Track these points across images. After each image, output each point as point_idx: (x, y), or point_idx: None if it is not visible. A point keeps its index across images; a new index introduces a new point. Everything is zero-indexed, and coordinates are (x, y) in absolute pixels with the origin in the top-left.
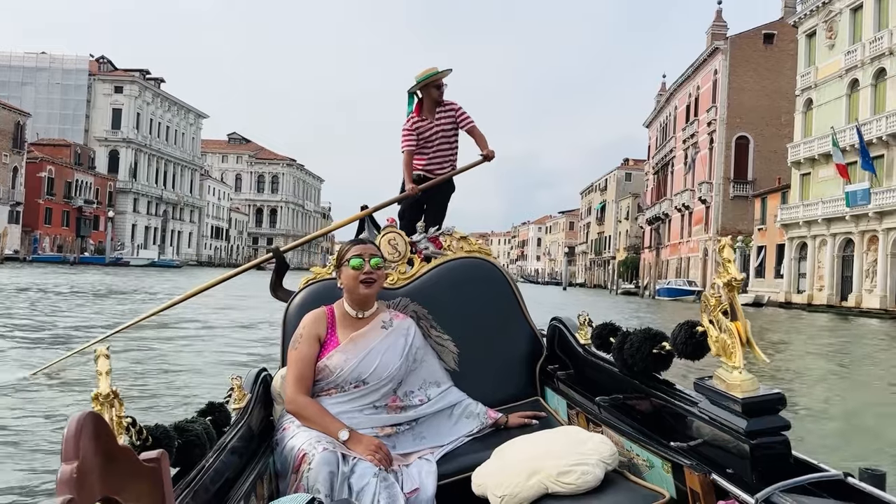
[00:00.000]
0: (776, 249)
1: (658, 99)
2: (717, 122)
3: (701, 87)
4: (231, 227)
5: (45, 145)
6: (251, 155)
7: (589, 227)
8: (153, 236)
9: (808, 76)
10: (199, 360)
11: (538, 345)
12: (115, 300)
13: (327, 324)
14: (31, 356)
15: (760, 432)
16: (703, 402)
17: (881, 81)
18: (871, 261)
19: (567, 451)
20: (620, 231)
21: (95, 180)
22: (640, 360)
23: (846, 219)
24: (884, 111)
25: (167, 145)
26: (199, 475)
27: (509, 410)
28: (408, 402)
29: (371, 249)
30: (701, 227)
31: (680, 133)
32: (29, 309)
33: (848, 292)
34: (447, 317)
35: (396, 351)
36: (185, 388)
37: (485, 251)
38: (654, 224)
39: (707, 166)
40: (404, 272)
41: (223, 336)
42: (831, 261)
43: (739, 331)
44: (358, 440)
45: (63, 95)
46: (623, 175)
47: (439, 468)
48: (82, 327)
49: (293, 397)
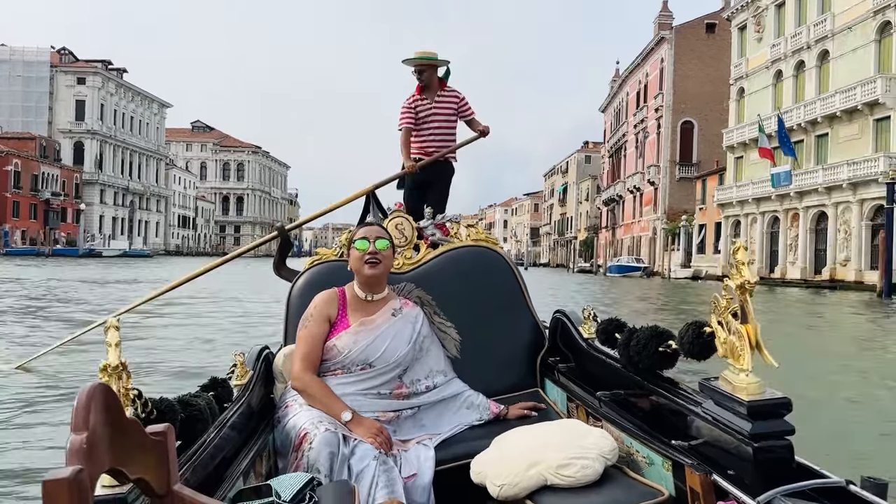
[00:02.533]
0: (714, 227)
1: (612, 85)
2: (663, 108)
3: (649, 74)
4: (198, 215)
5: (9, 139)
6: (215, 143)
7: (552, 209)
8: (121, 227)
9: (740, 66)
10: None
11: (540, 336)
12: (137, 285)
13: (339, 304)
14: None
15: (764, 435)
16: (707, 403)
17: (801, 73)
18: (794, 236)
19: (567, 443)
20: (581, 212)
21: (62, 172)
22: (646, 358)
23: (772, 198)
24: (803, 100)
25: (132, 136)
26: (199, 450)
27: (509, 400)
28: (414, 390)
29: (377, 232)
30: (651, 208)
31: (631, 118)
32: (82, 299)
33: (775, 265)
34: (451, 304)
35: (404, 337)
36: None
37: (492, 240)
38: (609, 205)
39: (655, 150)
40: (410, 257)
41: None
42: (761, 237)
43: (749, 334)
44: (360, 422)
45: (25, 87)
46: (583, 158)
47: (437, 454)
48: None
49: (300, 374)
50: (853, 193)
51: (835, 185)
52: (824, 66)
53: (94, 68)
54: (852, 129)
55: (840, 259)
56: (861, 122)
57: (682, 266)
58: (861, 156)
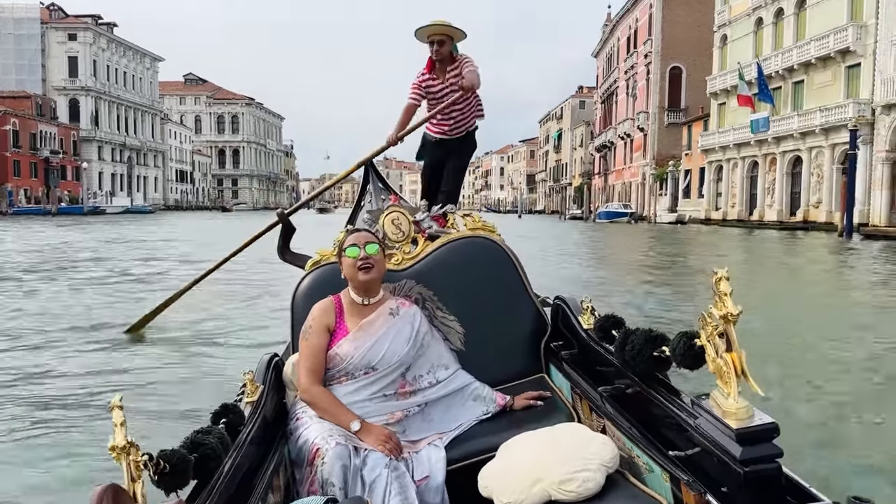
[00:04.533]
0: (699, 172)
1: (604, 30)
2: (652, 54)
3: (639, 19)
4: (195, 169)
5: (5, 97)
6: (209, 95)
7: (547, 156)
8: (120, 183)
9: (723, 14)
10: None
11: (542, 322)
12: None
13: (336, 313)
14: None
15: (754, 460)
16: (700, 420)
17: (780, 20)
18: (771, 180)
19: (570, 455)
20: (576, 158)
21: (59, 130)
22: (640, 363)
23: (751, 144)
24: (781, 48)
25: (126, 91)
26: (219, 480)
27: (515, 388)
28: (417, 386)
29: (366, 237)
30: (640, 154)
31: (622, 64)
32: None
33: (754, 208)
34: (452, 297)
35: (403, 337)
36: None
37: (489, 228)
38: (601, 151)
39: (645, 96)
40: (409, 252)
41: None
42: (741, 181)
43: (735, 362)
44: (368, 431)
45: (17, 45)
46: (577, 103)
47: (448, 454)
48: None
49: (307, 387)
50: (825, 138)
51: (808, 130)
52: (801, 13)
53: (84, 23)
54: (826, 76)
55: (813, 201)
56: (834, 69)
57: (669, 211)
58: (833, 102)
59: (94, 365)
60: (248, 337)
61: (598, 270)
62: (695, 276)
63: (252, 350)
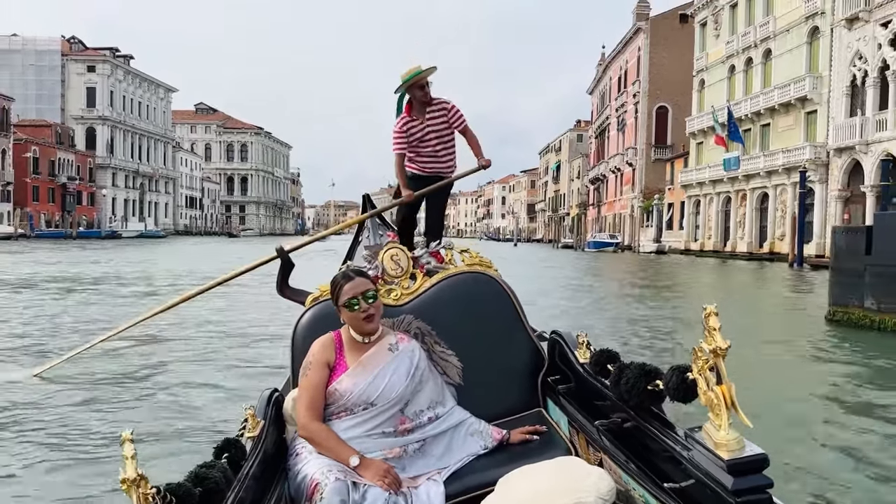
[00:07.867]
0: (680, 206)
1: (598, 68)
2: (640, 94)
3: (628, 61)
4: (204, 196)
5: (27, 126)
6: (219, 124)
7: (547, 186)
8: (132, 208)
9: (701, 59)
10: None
11: (539, 356)
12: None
13: (335, 348)
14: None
15: (745, 490)
16: (693, 452)
17: (750, 68)
18: (742, 214)
19: (568, 488)
20: (573, 189)
21: (76, 157)
22: (635, 396)
23: (724, 181)
24: (751, 93)
25: (140, 120)
26: None
27: (513, 422)
28: (417, 422)
29: (364, 286)
30: (630, 187)
31: (614, 102)
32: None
33: (727, 240)
34: (450, 332)
35: (402, 373)
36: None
37: (486, 264)
38: (595, 184)
39: (634, 133)
40: (407, 287)
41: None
42: (716, 215)
43: (724, 395)
44: (367, 466)
45: (38, 76)
46: (575, 136)
47: (447, 488)
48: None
49: (305, 423)
50: (787, 177)
51: (773, 169)
52: (768, 63)
53: (102, 56)
54: (788, 121)
55: (778, 234)
56: (795, 114)
57: (654, 241)
58: (794, 144)
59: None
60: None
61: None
62: (640, 294)
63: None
